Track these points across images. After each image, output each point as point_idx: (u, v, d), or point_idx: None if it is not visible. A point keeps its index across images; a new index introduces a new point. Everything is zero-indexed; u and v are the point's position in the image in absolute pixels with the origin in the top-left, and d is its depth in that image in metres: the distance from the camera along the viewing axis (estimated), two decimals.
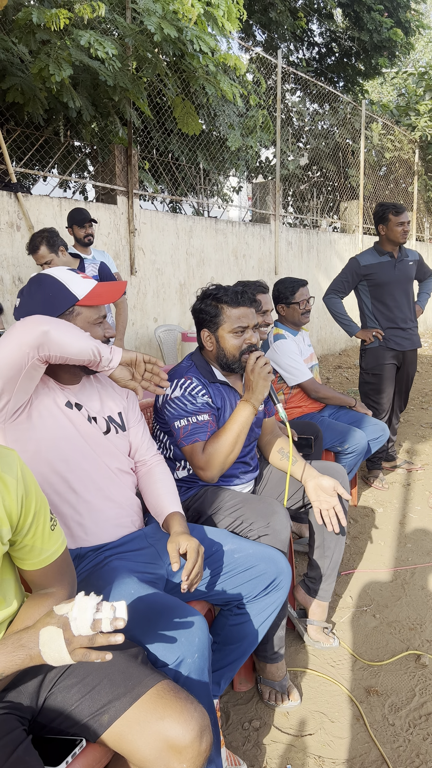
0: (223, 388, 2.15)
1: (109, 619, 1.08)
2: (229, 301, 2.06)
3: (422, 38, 18.07)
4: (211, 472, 1.98)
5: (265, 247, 7.74)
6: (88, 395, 1.72)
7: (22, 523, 1.21)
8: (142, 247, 5.91)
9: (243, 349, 2.08)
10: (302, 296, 3.27)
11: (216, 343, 2.10)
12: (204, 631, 1.43)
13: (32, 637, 1.12)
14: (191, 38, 4.44)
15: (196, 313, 2.14)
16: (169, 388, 2.05)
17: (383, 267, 3.87)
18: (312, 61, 11.24)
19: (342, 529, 2.27)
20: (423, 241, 12.65)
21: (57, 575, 1.30)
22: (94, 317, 1.64)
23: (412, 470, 4.23)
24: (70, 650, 1.09)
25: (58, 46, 4.25)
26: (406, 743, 1.83)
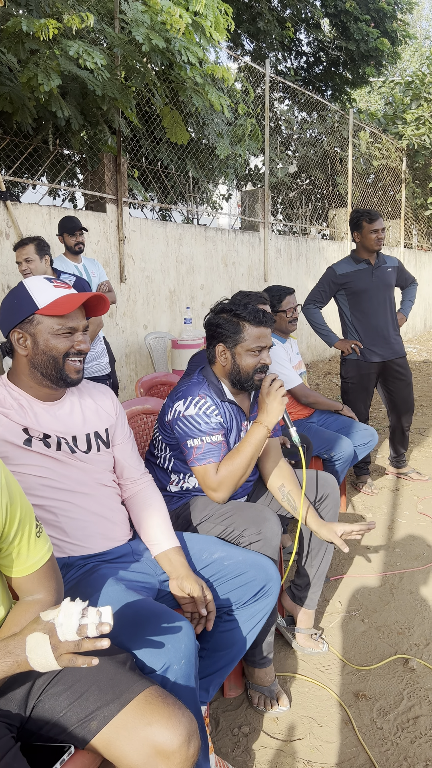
0: (231, 407, 2.14)
1: (95, 624, 1.09)
2: (251, 320, 2.05)
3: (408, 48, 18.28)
4: (224, 494, 1.98)
5: (254, 255, 7.78)
6: (69, 411, 1.68)
7: (7, 531, 1.21)
8: (132, 254, 5.93)
9: (257, 368, 2.08)
10: (289, 304, 3.27)
11: (231, 360, 2.08)
12: (191, 637, 1.44)
13: (19, 643, 1.12)
14: (179, 49, 4.48)
15: (212, 327, 2.11)
16: (182, 404, 2.04)
17: (360, 275, 3.85)
18: (300, 70, 11.35)
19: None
20: (411, 248, 12.75)
21: (43, 582, 1.30)
22: (57, 328, 1.56)
23: (419, 480, 4.16)
24: (56, 656, 1.09)
25: (47, 56, 4.28)
26: (394, 747, 1.84)
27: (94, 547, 1.67)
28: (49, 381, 1.59)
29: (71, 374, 1.60)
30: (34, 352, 1.57)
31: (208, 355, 2.16)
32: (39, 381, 1.60)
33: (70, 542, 1.63)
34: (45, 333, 1.56)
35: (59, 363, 1.57)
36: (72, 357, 1.59)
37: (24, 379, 1.61)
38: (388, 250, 11.37)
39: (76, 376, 1.61)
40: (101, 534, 1.69)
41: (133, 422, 2.52)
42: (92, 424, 1.73)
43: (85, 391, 1.78)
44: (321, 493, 2.29)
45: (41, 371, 1.58)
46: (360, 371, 3.92)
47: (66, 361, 1.58)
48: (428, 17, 29.34)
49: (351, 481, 4.11)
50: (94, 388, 1.82)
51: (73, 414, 1.69)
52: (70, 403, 1.70)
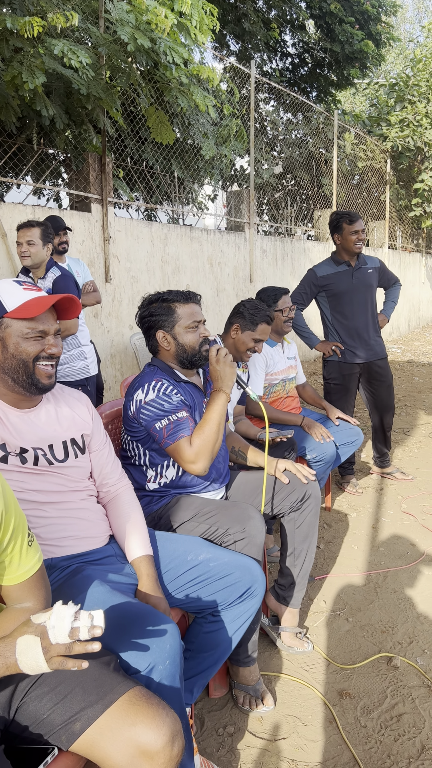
0: (187, 386, 2.20)
1: (87, 627, 1.09)
2: (179, 299, 2.16)
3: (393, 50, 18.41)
4: (203, 463, 2.00)
5: (240, 255, 7.79)
6: (45, 419, 1.66)
7: (0, 539, 1.21)
8: (117, 254, 5.92)
9: (201, 342, 2.17)
10: (285, 304, 3.26)
11: (174, 341, 2.16)
12: (175, 637, 1.44)
13: (8, 646, 1.12)
14: (164, 49, 4.47)
15: (146, 319, 2.20)
16: (141, 393, 2.07)
17: (340, 277, 3.85)
18: (285, 71, 11.38)
19: (312, 537, 2.31)
20: (395, 249, 12.84)
21: (33, 591, 1.30)
22: (26, 331, 1.53)
23: (403, 480, 4.19)
24: (47, 658, 1.09)
25: (31, 54, 4.25)
26: (378, 744, 1.86)
27: (73, 547, 1.67)
28: (21, 387, 1.56)
29: (42, 379, 1.56)
30: (4, 356, 1.54)
31: (150, 348, 2.24)
32: (11, 387, 1.57)
33: (48, 544, 1.63)
34: (14, 337, 1.53)
35: (29, 367, 1.54)
36: (43, 361, 1.56)
37: None
38: (373, 251, 11.44)
39: (48, 381, 1.58)
40: (78, 535, 1.69)
41: (116, 423, 2.52)
42: (68, 432, 1.71)
43: (61, 398, 1.76)
44: (303, 491, 2.29)
45: (12, 376, 1.55)
46: (342, 372, 3.94)
47: (36, 366, 1.55)
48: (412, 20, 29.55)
49: (336, 480, 4.13)
50: (70, 395, 1.80)
51: (49, 422, 1.67)
52: (46, 411, 1.68)
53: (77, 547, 1.68)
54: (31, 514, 1.60)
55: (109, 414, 2.46)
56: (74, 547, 1.67)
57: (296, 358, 3.52)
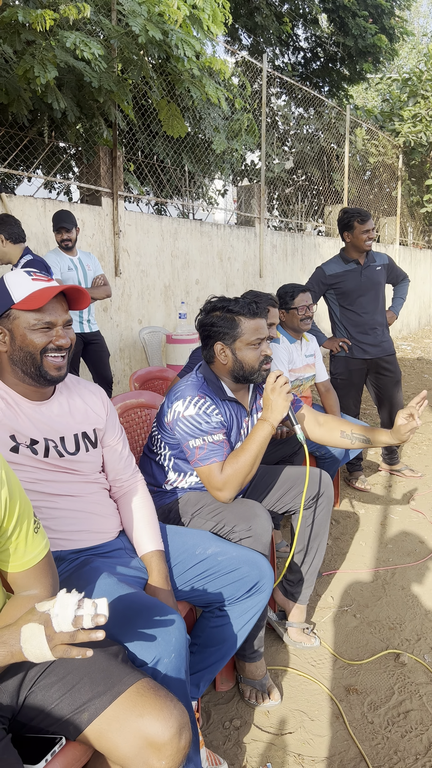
0: (231, 405, 2.13)
1: (90, 616, 1.09)
2: (245, 313, 2.04)
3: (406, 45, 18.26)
4: (229, 493, 1.96)
5: (249, 250, 7.77)
6: (57, 412, 1.66)
7: (6, 526, 1.21)
8: (127, 248, 5.91)
9: (261, 360, 2.07)
10: (302, 302, 3.23)
11: (233, 356, 2.06)
12: (181, 631, 1.44)
13: (13, 634, 1.12)
14: (176, 42, 4.46)
15: (206, 327, 2.08)
16: (182, 404, 2.02)
17: (349, 275, 3.84)
18: (297, 65, 11.31)
19: (323, 534, 2.29)
20: (406, 246, 12.77)
21: (40, 578, 1.30)
22: (33, 322, 1.52)
23: (411, 477, 4.17)
24: (51, 646, 1.09)
25: (43, 47, 4.25)
26: (385, 741, 1.85)
27: (84, 541, 1.67)
28: (30, 378, 1.55)
29: (51, 371, 1.55)
30: (12, 348, 1.53)
31: (205, 356, 2.13)
32: (21, 378, 1.56)
33: (59, 538, 1.63)
34: (22, 328, 1.52)
35: (37, 359, 1.53)
36: (51, 353, 1.54)
37: (7, 376, 1.58)
38: (384, 247, 11.38)
39: (57, 373, 1.56)
40: (90, 529, 1.68)
41: (127, 416, 2.52)
42: (80, 425, 1.70)
43: (75, 390, 1.74)
44: (316, 490, 2.28)
45: (21, 368, 1.54)
46: (349, 367, 3.93)
47: (44, 358, 1.53)
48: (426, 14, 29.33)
49: (344, 477, 4.12)
50: (85, 388, 1.79)
51: (61, 414, 1.66)
52: (59, 403, 1.67)
53: (88, 541, 1.68)
54: (42, 506, 1.59)
55: (120, 407, 2.47)
56: (85, 541, 1.67)
57: (315, 355, 3.47)
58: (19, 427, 1.55)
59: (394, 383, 3.99)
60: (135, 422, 2.58)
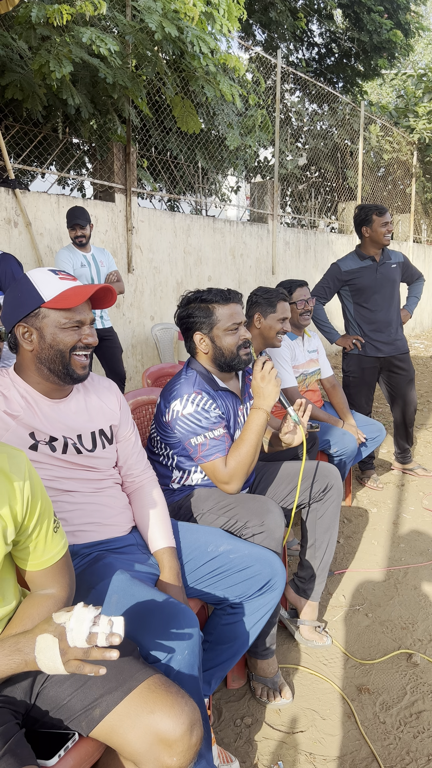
0: (225, 395, 2.14)
1: (105, 634, 1.07)
2: (219, 300, 2.07)
3: (421, 40, 18.11)
4: (236, 484, 1.98)
5: (262, 247, 7.75)
6: (75, 409, 1.66)
7: (26, 525, 1.22)
8: (140, 245, 5.91)
9: (239, 345, 2.09)
10: (300, 296, 3.23)
11: (212, 344, 2.09)
12: (194, 628, 1.44)
13: (29, 642, 1.11)
14: (191, 39, 4.44)
15: (184, 320, 2.12)
16: (179, 403, 2.02)
17: (365, 272, 3.81)
18: (311, 61, 11.25)
19: (333, 528, 2.29)
20: (420, 243, 12.67)
21: (57, 577, 1.30)
22: (64, 321, 1.52)
23: (425, 476, 4.14)
24: (64, 661, 1.08)
25: (58, 43, 4.25)
26: (397, 741, 1.84)
27: (95, 533, 1.67)
28: (56, 377, 1.56)
29: (77, 370, 1.56)
30: (41, 346, 1.53)
31: (188, 348, 2.17)
32: (46, 377, 1.57)
33: (71, 531, 1.63)
34: (52, 327, 1.52)
35: (66, 357, 1.54)
36: (79, 351, 1.56)
37: (30, 374, 1.58)
38: (398, 245, 11.30)
39: (82, 372, 1.58)
40: (101, 522, 1.69)
41: (138, 412, 2.52)
42: (97, 422, 1.70)
43: (91, 387, 1.75)
44: (324, 483, 2.28)
45: (48, 366, 1.54)
46: (361, 365, 3.91)
47: (72, 356, 1.55)
48: None
49: (356, 476, 4.10)
50: (100, 384, 1.79)
51: (78, 412, 1.66)
52: (76, 401, 1.68)
53: (100, 534, 1.68)
54: (58, 500, 1.60)
55: (132, 404, 2.47)
56: (97, 533, 1.67)
57: (318, 351, 3.47)
58: (38, 425, 1.56)
59: (408, 382, 3.96)
60: (147, 419, 2.58)
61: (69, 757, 1.20)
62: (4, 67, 4.67)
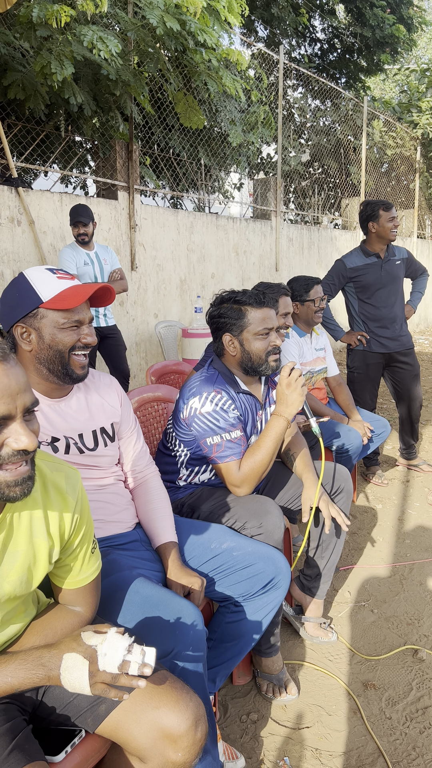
0: (246, 397, 2.12)
1: (138, 664, 1.08)
2: (252, 303, 2.03)
3: (425, 35, 18.00)
4: (247, 489, 1.97)
5: (266, 244, 7.73)
6: (76, 408, 1.66)
7: (71, 542, 1.24)
8: (143, 242, 5.91)
9: (269, 351, 2.06)
10: (316, 294, 3.21)
11: (240, 347, 2.06)
12: (199, 624, 1.44)
13: (54, 658, 1.11)
14: (194, 31, 4.43)
15: (215, 319, 2.09)
16: (198, 401, 2.01)
17: (369, 269, 3.80)
18: (314, 57, 11.21)
19: (340, 530, 2.28)
20: (424, 239, 12.63)
21: (87, 597, 1.32)
22: (62, 321, 1.51)
23: (429, 472, 4.13)
24: (91, 683, 1.09)
25: (60, 42, 4.24)
26: (403, 736, 1.84)
27: (100, 530, 1.68)
28: (55, 377, 1.55)
29: (76, 370, 1.56)
30: (40, 347, 1.52)
31: (215, 349, 2.13)
32: (45, 377, 1.56)
33: None
34: (50, 327, 1.51)
35: (65, 358, 1.53)
36: (78, 351, 1.55)
37: (29, 375, 1.57)
38: (402, 241, 11.27)
39: (81, 372, 1.57)
40: (105, 519, 1.69)
41: (143, 410, 2.52)
42: (98, 420, 1.70)
43: (91, 385, 1.74)
44: (336, 485, 2.27)
45: (47, 366, 1.54)
46: (366, 361, 3.90)
47: (71, 356, 1.54)
48: None
49: (361, 472, 4.09)
50: (100, 381, 1.79)
51: (79, 411, 1.66)
52: (77, 399, 1.67)
53: (104, 531, 1.68)
54: None
55: (136, 401, 2.47)
56: (101, 530, 1.68)
57: (326, 349, 3.45)
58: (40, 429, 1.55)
59: (413, 377, 3.95)
60: (152, 416, 2.58)
61: (76, 753, 1.20)
62: (7, 66, 4.67)
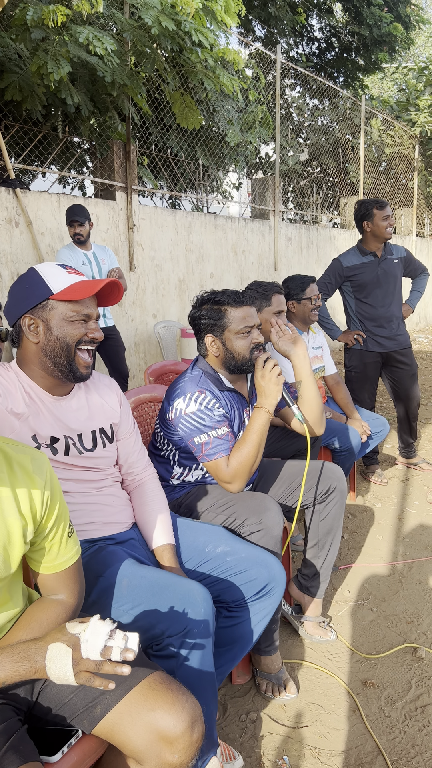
0: (231, 395, 2.12)
1: (120, 649, 1.07)
2: (231, 302, 2.03)
3: (422, 33, 18.01)
4: (239, 484, 1.96)
5: (264, 243, 7.73)
6: (76, 408, 1.66)
7: (44, 525, 1.24)
8: (141, 243, 5.91)
9: (252, 349, 2.06)
10: (312, 292, 3.21)
11: (223, 347, 2.06)
12: (208, 601, 1.47)
13: (40, 650, 1.11)
14: (189, 30, 4.43)
15: (196, 321, 2.09)
16: (182, 402, 2.01)
17: (366, 268, 3.79)
18: (312, 56, 11.21)
19: (337, 529, 2.27)
20: (423, 237, 12.62)
21: (68, 583, 1.31)
22: (71, 314, 1.52)
23: (428, 470, 4.13)
24: (75, 671, 1.08)
25: (56, 42, 4.24)
26: (402, 735, 1.84)
27: (97, 531, 1.68)
28: (59, 371, 1.55)
29: (80, 368, 1.56)
30: (47, 338, 1.52)
31: (199, 350, 2.14)
32: (49, 371, 1.55)
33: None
34: (59, 319, 1.52)
35: (71, 351, 1.53)
36: (84, 345, 1.55)
37: (33, 368, 1.56)
38: (400, 239, 11.26)
39: (85, 371, 1.57)
40: (103, 521, 1.69)
41: (140, 410, 2.52)
42: (97, 421, 1.69)
43: (92, 385, 1.74)
44: (328, 484, 2.26)
45: (53, 360, 1.53)
46: (363, 360, 3.90)
47: (77, 351, 1.54)
48: None
49: (360, 471, 4.09)
50: (100, 382, 1.78)
51: (79, 410, 1.66)
52: (77, 398, 1.67)
53: (102, 531, 1.68)
54: None
55: (133, 401, 2.47)
56: (99, 531, 1.68)
57: (323, 348, 3.45)
58: (40, 426, 1.55)
59: (410, 376, 3.95)
60: (149, 416, 2.58)
61: (72, 754, 1.20)
62: (3, 67, 4.67)
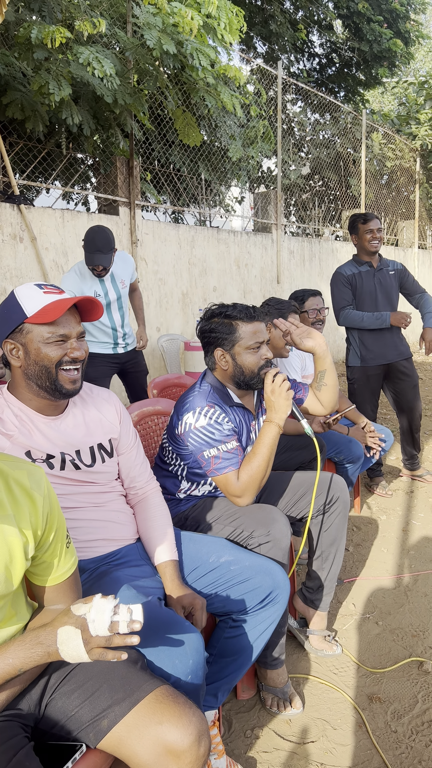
0: (238, 410, 2.13)
1: (126, 622, 1.12)
2: (243, 317, 2.03)
3: (422, 48, 18.18)
4: (248, 498, 1.96)
5: (267, 257, 7.77)
6: (72, 425, 1.64)
7: (44, 540, 1.25)
8: (145, 257, 5.95)
9: (261, 365, 2.06)
10: (312, 305, 3.23)
11: (232, 362, 2.06)
12: (199, 651, 1.42)
13: (50, 635, 1.15)
14: (191, 52, 4.49)
15: (206, 334, 2.09)
16: (192, 416, 2.01)
17: (363, 276, 3.85)
18: (313, 71, 11.33)
19: (340, 540, 2.27)
20: (425, 249, 12.66)
21: (67, 593, 1.32)
22: (47, 336, 1.49)
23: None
24: (87, 650, 1.13)
25: (58, 62, 4.30)
26: (409, 750, 1.82)
27: (102, 548, 1.67)
28: (45, 392, 1.54)
29: (66, 385, 1.53)
30: (27, 362, 1.51)
31: (207, 363, 2.14)
32: (36, 393, 1.55)
33: (76, 547, 1.62)
34: (36, 342, 1.50)
35: (52, 373, 1.51)
36: (66, 366, 1.52)
37: (22, 391, 1.56)
38: (402, 251, 11.30)
39: (72, 386, 1.55)
40: (107, 537, 1.69)
41: (143, 423, 2.53)
42: (96, 437, 1.68)
43: (89, 400, 1.73)
44: (330, 495, 2.26)
45: (36, 382, 1.52)
46: (365, 373, 3.91)
47: (59, 371, 1.52)
48: None
49: (365, 483, 4.08)
50: (98, 396, 1.77)
51: (76, 427, 1.64)
52: (73, 415, 1.65)
53: (106, 548, 1.68)
54: None
55: (137, 415, 2.48)
56: (103, 548, 1.67)
57: None
58: (33, 444, 1.54)
59: (412, 387, 3.95)
60: (152, 429, 2.58)
61: None
62: (7, 86, 4.73)
